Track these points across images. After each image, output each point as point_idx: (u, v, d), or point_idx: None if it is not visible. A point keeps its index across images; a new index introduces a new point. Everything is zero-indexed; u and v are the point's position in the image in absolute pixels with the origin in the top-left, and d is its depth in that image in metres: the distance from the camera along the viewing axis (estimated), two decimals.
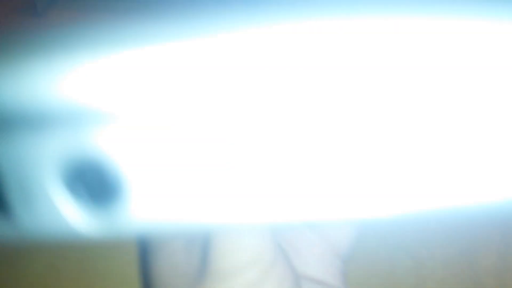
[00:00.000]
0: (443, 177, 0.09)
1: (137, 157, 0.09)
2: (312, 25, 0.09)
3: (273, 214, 0.10)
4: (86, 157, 0.09)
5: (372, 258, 0.27)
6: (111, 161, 0.09)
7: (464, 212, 0.10)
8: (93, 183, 0.09)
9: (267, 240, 0.16)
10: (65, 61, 0.09)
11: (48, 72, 0.09)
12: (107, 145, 0.09)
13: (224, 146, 0.09)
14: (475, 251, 0.28)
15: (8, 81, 0.09)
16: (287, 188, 0.09)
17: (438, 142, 0.09)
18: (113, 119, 0.09)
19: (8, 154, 0.09)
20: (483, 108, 0.09)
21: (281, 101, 0.09)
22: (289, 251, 0.20)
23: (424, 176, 0.09)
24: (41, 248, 0.24)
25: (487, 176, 0.09)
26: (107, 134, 0.09)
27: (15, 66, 0.09)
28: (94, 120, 0.09)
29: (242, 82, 0.09)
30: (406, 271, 0.26)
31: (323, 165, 0.09)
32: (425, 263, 0.27)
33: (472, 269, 0.27)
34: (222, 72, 0.09)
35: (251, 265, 0.16)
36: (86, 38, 0.09)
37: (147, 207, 0.10)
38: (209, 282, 0.16)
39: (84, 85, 0.09)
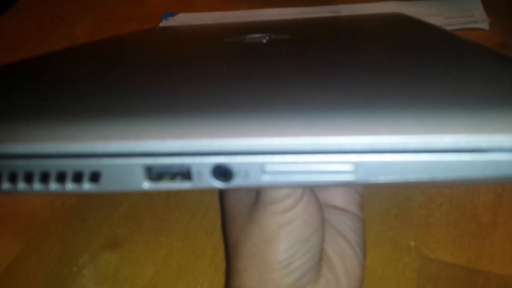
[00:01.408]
0: None
1: None
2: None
3: None
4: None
5: (392, 194, 0.35)
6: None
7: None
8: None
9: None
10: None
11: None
12: None
13: None
14: (475, 190, 0.34)
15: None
16: None
17: None
18: None
19: None
20: None
21: None
22: (319, 187, 0.27)
23: None
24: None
25: None
26: None
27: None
28: None
29: None
30: (419, 204, 0.34)
31: None
32: (434, 199, 0.34)
33: (473, 204, 0.34)
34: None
35: (287, 196, 0.23)
36: None
37: None
38: (261, 207, 0.23)
39: None
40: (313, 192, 0.25)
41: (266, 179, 0.16)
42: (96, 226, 0.34)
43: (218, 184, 0.16)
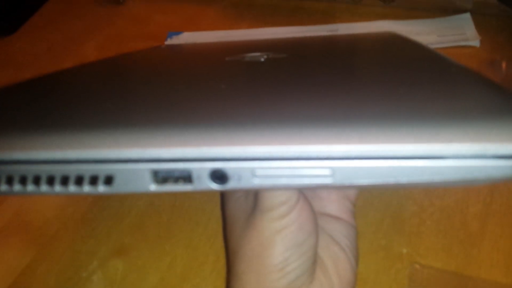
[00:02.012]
0: None
1: None
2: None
3: None
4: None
5: (385, 203, 0.36)
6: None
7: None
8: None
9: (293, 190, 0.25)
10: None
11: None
12: None
13: None
14: (465, 200, 0.36)
15: None
16: None
17: None
18: None
19: None
20: None
21: None
22: (313, 197, 0.29)
23: None
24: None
25: None
26: None
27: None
28: None
29: None
30: (411, 214, 0.36)
31: None
32: (426, 208, 0.36)
33: (462, 213, 0.35)
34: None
35: (282, 203, 0.25)
36: None
37: None
38: (258, 214, 0.25)
39: None
40: (307, 200, 0.26)
41: (256, 182, 0.18)
42: (104, 235, 0.36)
43: (215, 186, 0.19)
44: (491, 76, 0.42)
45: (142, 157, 0.18)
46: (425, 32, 0.51)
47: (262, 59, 0.32)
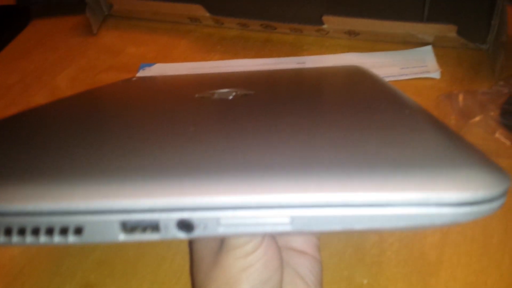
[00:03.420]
0: None
1: None
2: None
3: None
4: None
5: (348, 235, 0.37)
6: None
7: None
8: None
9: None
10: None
11: None
12: None
13: None
14: (424, 231, 0.37)
15: None
16: None
17: None
18: None
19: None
20: None
21: None
22: None
23: None
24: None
25: None
26: None
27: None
28: None
29: None
30: (372, 244, 0.36)
31: None
32: (386, 239, 0.37)
33: (421, 243, 0.36)
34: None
35: (247, 242, 0.25)
36: None
37: None
38: (224, 252, 0.26)
39: None
40: (272, 237, 0.27)
41: (221, 230, 0.19)
42: (70, 272, 0.36)
43: (181, 235, 0.19)
44: (448, 108, 0.44)
45: (111, 209, 0.19)
46: (388, 64, 0.53)
47: (231, 97, 0.33)
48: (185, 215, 0.19)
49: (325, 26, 0.57)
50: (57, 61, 0.64)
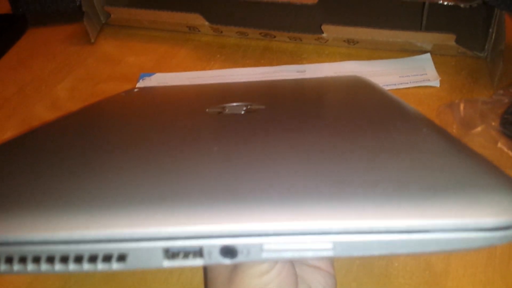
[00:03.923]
0: None
1: None
2: None
3: None
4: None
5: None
6: None
7: None
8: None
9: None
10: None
11: None
12: None
13: None
14: None
15: None
16: None
17: None
18: None
19: None
20: None
21: None
22: None
23: None
24: None
25: None
26: None
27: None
28: None
29: None
30: (379, 256, 0.37)
31: None
32: None
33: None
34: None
35: (264, 261, 0.25)
36: None
37: None
38: (240, 271, 0.26)
39: None
40: None
41: (264, 256, 0.19)
42: (78, 287, 0.36)
43: (225, 261, 0.20)
44: (449, 118, 0.45)
45: (155, 236, 0.19)
46: (387, 73, 0.53)
47: (242, 111, 0.33)
48: (228, 242, 0.19)
49: (324, 35, 0.58)
50: (55, 70, 0.64)
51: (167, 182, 0.22)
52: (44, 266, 0.19)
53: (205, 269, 0.31)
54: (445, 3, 0.51)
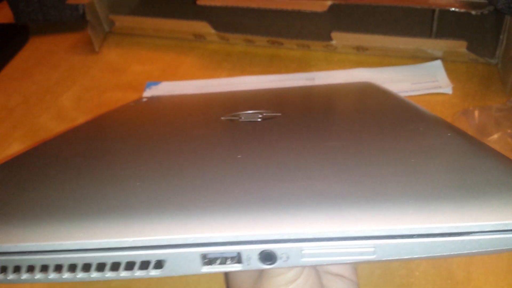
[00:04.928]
0: None
1: None
2: None
3: None
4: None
5: None
6: None
7: None
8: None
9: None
10: None
11: None
12: None
13: None
14: None
15: None
16: None
17: None
18: None
19: None
20: None
21: None
22: None
23: None
24: None
25: None
26: None
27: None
28: None
29: None
30: (399, 265, 0.36)
31: None
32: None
33: (447, 262, 0.36)
34: None
35: (290, 269, 0.24)
36: None
37: None
38: (265, 279, 0.25)
39: None
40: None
41: (303, 260, 0.19)
42: None
43: (264, 266, 0.20)
44: (465, 125, 0.44)
45: (193, 242, 0.19)
46: (399, 80, 0.53)
47: (259, 119, 0.32)
48: (268, 247, 0.19)
49: (333, 42, 0.57)
50: (59, 80, 0.63)
51: (203, 189, 0.22)
52: (80, 274, 0.19)
53: (227, 279, 0.30)
54: (456, 10, 0.51)
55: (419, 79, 0.53)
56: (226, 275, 0.30)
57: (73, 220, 0.19)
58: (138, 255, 0.19)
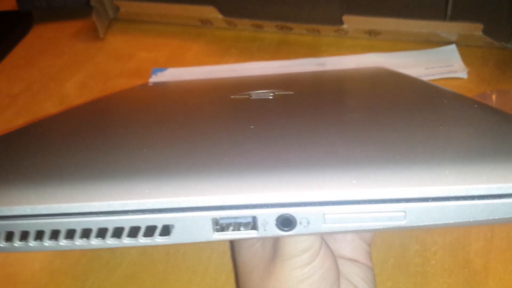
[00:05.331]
0: None
1: None
2: None
3: None
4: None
5: (388, 243, 0.35)
6: None
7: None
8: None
9: (316, 235, 0.24)
10: None
11: None
12: None
13: None
14: (467, 237, 0.36)
15: None
16: None
17: None
18: None
19: None
20: None
21: None
22: (329, 239, 0.28)
23: None
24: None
25: None
26: None
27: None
28: None
29: None
30: (415, 253, 0.35)
31: None
32: (429, 247, 0.35)
33: (465, 251, 0.35)
34: None
35: (306, 250, 0.23)
36: None
37: None
38: (279, 262, 0.24)
39: None
40: (329, 246, 0.25)
41: (325, 227, 0.18)
42: None
43: (281, 233, 0.18)
44: None
45: (204, 205, 0.17)
46: (412, 65, 0.51)
47: (270, 97, 0.31)
48: (286, 211, 0.17)
49: (344, 26, 0.56)
50: (63, 67, 0.62)
51: (216, 151, 0.20)
52: (78, 242, 0.17)
53: (236, 263, 0.29)
54: None
55: (433, 63, 0.51)
56: (235, 259, 0.29)
57: (73, 182, 0.18)
58: (143, 219, 0.17)
